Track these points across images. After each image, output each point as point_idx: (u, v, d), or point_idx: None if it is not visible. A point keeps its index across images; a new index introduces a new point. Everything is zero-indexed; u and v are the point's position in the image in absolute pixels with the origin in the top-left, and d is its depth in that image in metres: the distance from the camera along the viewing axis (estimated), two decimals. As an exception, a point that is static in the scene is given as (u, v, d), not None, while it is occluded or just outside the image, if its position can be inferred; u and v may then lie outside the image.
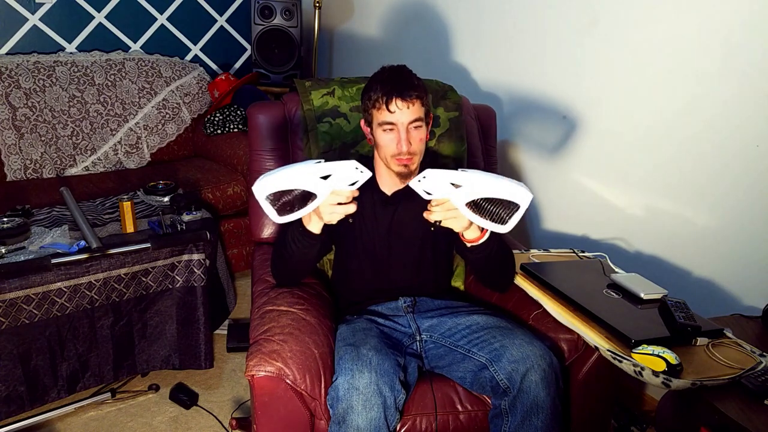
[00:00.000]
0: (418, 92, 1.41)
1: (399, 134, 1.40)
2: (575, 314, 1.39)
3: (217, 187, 2.56)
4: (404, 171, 1.45)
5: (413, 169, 1.46)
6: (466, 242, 1.37)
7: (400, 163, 1.44)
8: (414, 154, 1.43)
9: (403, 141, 1.40)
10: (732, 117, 1.60)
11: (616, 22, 1.86)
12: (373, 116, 1.44)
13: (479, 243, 1.36)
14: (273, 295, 1.50)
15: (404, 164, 1.43)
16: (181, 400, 1.94)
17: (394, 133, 1.41)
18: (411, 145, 1.41)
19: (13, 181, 2.59)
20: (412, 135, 1.41)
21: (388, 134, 1.42)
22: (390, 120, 1.40)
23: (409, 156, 1.42)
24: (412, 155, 1.42)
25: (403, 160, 1.43)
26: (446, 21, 2.56)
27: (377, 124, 1.43)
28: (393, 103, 1.39)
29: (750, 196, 1.60)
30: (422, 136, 1.44)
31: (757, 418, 1.09)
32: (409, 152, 1.41)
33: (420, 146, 1.44)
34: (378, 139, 1.45)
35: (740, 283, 1.66)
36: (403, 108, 1.39)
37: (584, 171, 2.04)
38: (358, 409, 1.20)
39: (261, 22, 3.05)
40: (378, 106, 1.41)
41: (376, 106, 1.42)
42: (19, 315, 1.67)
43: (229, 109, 2.93)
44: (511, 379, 1.27)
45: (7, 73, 2.58)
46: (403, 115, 1.39)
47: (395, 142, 1.41)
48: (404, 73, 1.45)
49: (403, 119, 1.40)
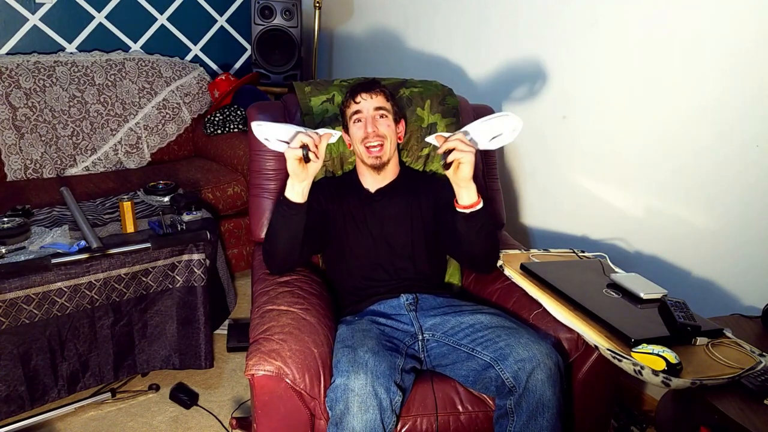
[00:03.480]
0: (382, 89, 1.63)
1: (366, 119, 1.59)
2: (575, 313, 1.39)
3: (217, 187, 2.56)
4: (376, 162, 1.61)
5: (385, 160, 1.62)
6: (463, 209, 1.43)
7: (370, 154, 1.60)
8: (382, 137, 1.59)
9: (369, 124, 1.58)
10: (732, 117, 1.60)
11: (616, 22, 1.86)
12: (346, 115, 1.65)
13: (476, 209, 1.43)
14: (273, 294, 1.50)
15: (375, 155, 1.59)
16: (181, 399, 1.94)
17: (361, 123, 1.60)
18: (377, 129, 1.58)
19: (13, 181, 2.59)
20: (378, 121, 1.59)
21: (357, 125, 1.61)
22: (356, 109, 1.61)
23: (377, 139, 1.58)
24: (381, 138, 1.59)
25: (374, 150, 1.59)
26: (446, 21, 2.56)
27: (348, 118, 1.64)
28: (359, 95, 1.61)
29: (750, 196, 1.60)
30: (389, 124, 1.61)
31: (757, 418, 1.09)
32: (377, 135, 1.58)
33: (388, 132, 1.60)
34: (351, 134, 1.64)
35: (740, 283, 1.66)
36: (367, 98, 1.60)
37: (584, 171, 2.05)
38: (354, 411, 1.21)
39: (261, 22, 3.05)
40: (347, 103, 1.63)
41: (346, 104, 1.64)
42: (20, 315, 1.68)
43: (229, 109, 2.93)
44: (517, 378, 1.27)
45: (7, 73, 2.58)
46: (368, 104, 1.60)
47: (363, 128, 1.59)
48: (372, 79, 1.68)
49: (367, 106, 1.60)
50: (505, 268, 1.60)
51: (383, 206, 1.65)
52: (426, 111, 1.83)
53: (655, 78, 1.77)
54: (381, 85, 1.65)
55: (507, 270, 1.59)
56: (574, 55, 2.01)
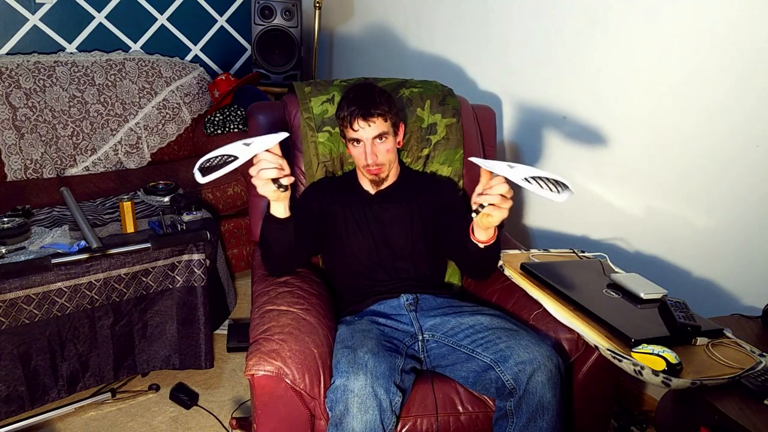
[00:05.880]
0: (380, 110, 1.54)
1: (365, 148, 1.56)
2: (575, 314, 1.39)
3: (218, 187, 2.56)
4: (375, 179, 1.63)
5: (384, 177, 1.63)
6: (478, 243, 1.39)
7: (370, 174, 1.60)
8: (381, 164, 1.59)
9: (369, 154, 1.56)
10: (732, 117, 1.60)
11: (617, 22, 1.86)
12: (344, 132, 1.60)
13: (491, 243, 1.39)
14: (273, 294, 1.50)
15: (374, 174, 1.60)
16: (181, 400, 1.95)
17: (360, 147, 1.57)
18: (376, 157, 1.57)
19: (13, 181, 2.59)
20: (377, 148, 1.57)
21: (357, 148, 1.59)
22: (355, 137, 1.56)
23: (377, 167, 1.58)
24: (380, 165, 1.59)
25: (372, 171, 1.59)
26: (446, 21, 2.56)
27: (347, 139, 1.60)
28: (356, 122, 1.53)
29: (750, 196, 1.60)
30: (389, 148, 1.59)
31: (757, 418, 1.09)
32: (375, 163, 1.57)
33: (387, 156, 1.59)
34: (350, 152, 1.63)
35: (740, 283, 1.66)
36: (365, 126, 1.54)
37: (584, 171, 2.05)
38: (353, 411, 1.21)
39: (261, 22, 3.06)
40: (345, 124, 1.57)
41: (344, 125, 1.58)
42: (20, 315, 1.68)
43: (230, 109, 2.93)
44: (518, 380, 1.27)
45: (7, 73, 2.59)
46: (366, 132, 1.54)
47: (362, 156, 1.57)
48: (368, 92, 1.58)
49: (366, 135, 1.55)
50: (505, 268, 1.60)
51: (383, 207, 1.65)
52: (426, 111, 1.83)
53: (655, 78, 1.77)
54: (378, 103, 1.54)
55: (507, 270, 1.59)
56: (575, 55, 2.01)
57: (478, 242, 1.39)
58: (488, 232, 1.37)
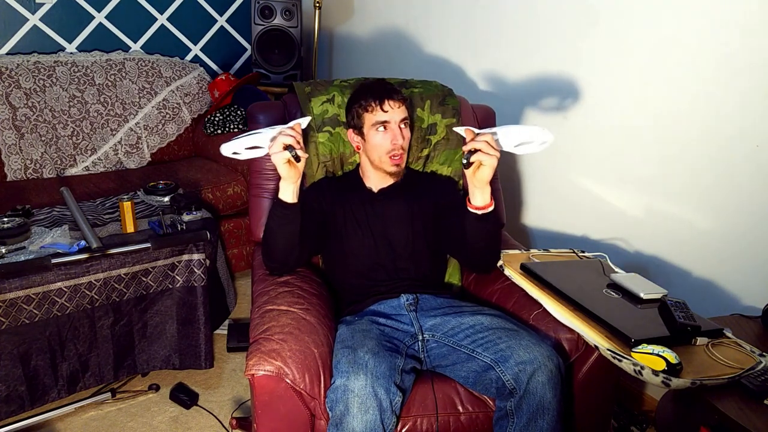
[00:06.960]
0: (403, 96, 1.62)
1: (393, 131, 1.58)
2: (575, 314, 1.39)
3: (218, 187, 2.56)
4: (396, 170, 1.63)
5: (404, 166, 1.65)
6: (475, 210, 1.43)
7: (393, 162, 1.60)
8: (405, 150, 1.62)
9: (398, 135, 1.58)
10: (732, 117, 1.60)
11: (617, 22, 1.86)
12: (365, 120, 1.60)
13: (488, 211, 1.43)
14: (273, 294, 1.50)
15: (396, 163, 1.60)
16: (181, 400, 1.94)
17: (388, 131, 1.58)
18: (404, 139, 1.59)
19: (13, 181, 2.59)
20: (404, 132, 1.60)
21: (382, 134, 1.59)
22: (385, 119, 1.57)
23: (401, 151, 1.59)
24: (404, 151, 1.61)
25: (396, 158, 1.59)
26: (446, 21, 2.56)
27: (371, 125, 1.59)
28: (386, 103, 1.57)
29: (750, 196, 1.60)
30: (408, 135, 1.63)
31: (757, 418, 1.09)
32: (402, 147, 1.59)
33: (407, 144, 1.63)
34: (371, 140, 1.60)
35: (740, 283, 1.66)
36: (394, 107, 1.58)
37: (584, 171, 2.05)
38: (353, 411, 1.21)
39: (261, 22, 3.05)
40: (371, 108, 1.58)
41: (369, 109, 1.58)
42: (20, 315, 1.68)
43: (230, 109, 2.93)
44: (518, 380, 1.27)
45: (7, 73, 2.58)
46: (395, 114, 1.58)
47: (389, 138, 1.58)
48: (388, 82, 1.65)
49: (395, 117, 1.58)
50: (505, 268, 1.60)
51: (384, 206, 1.65)
52: (426, 111, 1.83)
53: (655, 78, 1.77)
54: (400, 91, 1.63)
55: (507, 270, 1.59)
56: (575, 55, 2.01)
57: (476, 210, 1.43)
58: (484, 194, 1.42)
